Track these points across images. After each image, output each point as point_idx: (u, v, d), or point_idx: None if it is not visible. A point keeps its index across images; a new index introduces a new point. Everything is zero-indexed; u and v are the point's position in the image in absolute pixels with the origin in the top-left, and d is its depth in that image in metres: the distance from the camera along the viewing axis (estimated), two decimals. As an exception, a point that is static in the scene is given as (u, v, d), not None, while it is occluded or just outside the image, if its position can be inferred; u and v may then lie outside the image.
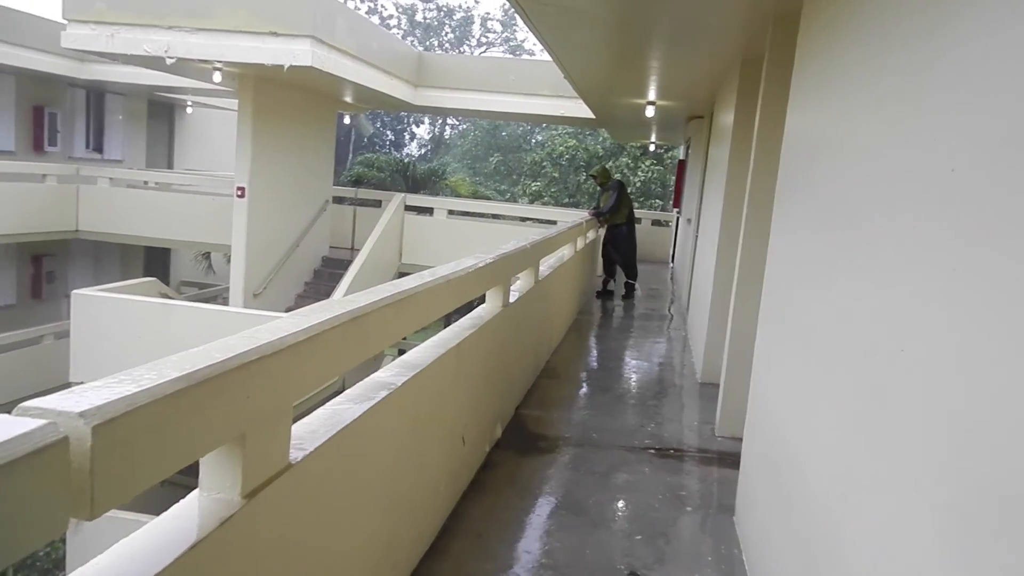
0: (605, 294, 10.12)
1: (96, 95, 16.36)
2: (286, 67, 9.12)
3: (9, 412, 1.04)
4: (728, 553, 3.14)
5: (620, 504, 3.64)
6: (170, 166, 18.84)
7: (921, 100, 1.60)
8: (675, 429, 4.86)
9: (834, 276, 2.14)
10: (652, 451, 4.38)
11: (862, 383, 1.78)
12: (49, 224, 13.09)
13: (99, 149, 16.64)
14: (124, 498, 1.13)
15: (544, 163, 26.83)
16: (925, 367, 1.43)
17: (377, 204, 14.05)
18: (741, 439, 3.54)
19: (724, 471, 4.09)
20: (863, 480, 1.71)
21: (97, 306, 8.60)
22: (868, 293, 1.81)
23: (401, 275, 3.24)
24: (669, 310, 9.71)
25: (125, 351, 7.97)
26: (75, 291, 8.85)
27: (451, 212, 13.63)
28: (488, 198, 21.17)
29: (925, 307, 1.46)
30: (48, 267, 15.01)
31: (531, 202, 24.58)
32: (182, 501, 1.47)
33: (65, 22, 9.55)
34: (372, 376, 2.49)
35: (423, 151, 38.49)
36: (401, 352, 3.03)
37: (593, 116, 11.90)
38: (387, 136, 37.66)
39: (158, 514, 1.43)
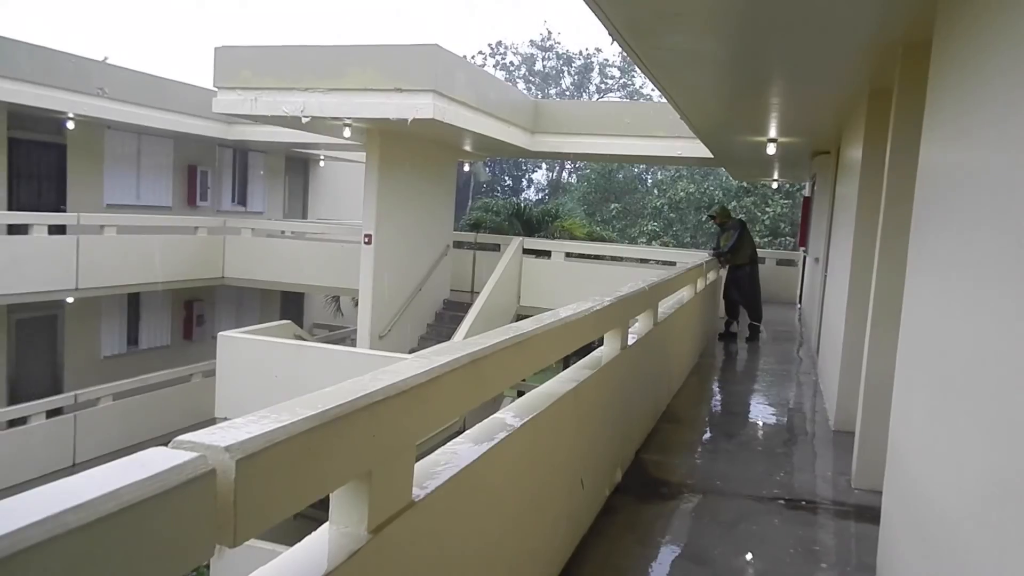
0: (728, 336, 9.80)
1: (241, 153, 17.81)
2: (410, 120, 9.58)
3: (165, 444, 1.14)
4: (869, 616, 2.91)
5: (748, 557, 3.46)
6: (305, 216, 20.07)
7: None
8: (807, 479, 4.59)
9: (982, 316, 1.99)
10: (782, 502, 4.15)
11: (1017, 433, 1.63)
12: (200, 272, 14.23)
13: (243, 202, 18.03)
14: (263, 527, 1.20)
15: (664, 207, 26.60)
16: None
17: (496, 248, 14.33)
18: (880, 492, 3.30)
19: (863, 526, 3.82)
20: (1021, 543, 1.55)
21: (239, 347, 9.22)
22: (1022, 333, 1.67)
23: (519, 317, 3.30)
24: (797, 353, 9.26)
25: (263, 389, 8.47)
26: (221, 333, 9.53)
27: (568, 255, 13.69)
28: (604, 238, 21.10)
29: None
30: (198, 311, 16.29)
31: (648, 242, 24.30)
32: (314, 533, 1.54)
33: (215, 89, 10.51)
34: (491, 417, 2.53)
35: (540, 195, 39.06)
36: (520, 393, 3.06)
37: (711, 155, 11.70)
38: (505, 181, 38.56)
39: (292, 545, 1.51)
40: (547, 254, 13.58)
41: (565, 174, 39.37)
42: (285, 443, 1.24)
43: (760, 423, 6.10)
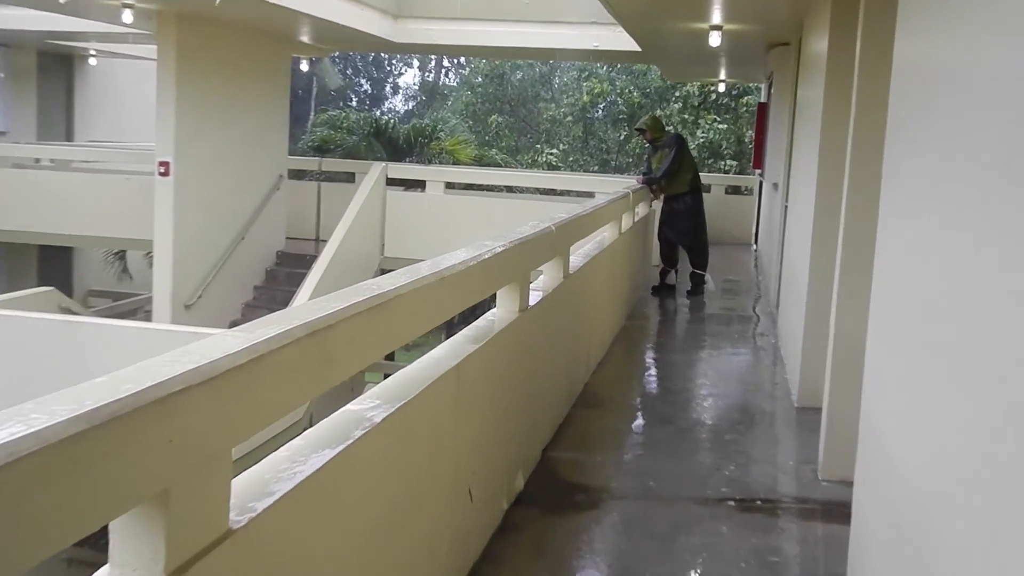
0: (664, 289, 10.10)
1: (-31, 46, 16.67)
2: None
3: None
4: (837, 639, 3.14)
5: (688, 576, 3.65)
6: (69, 138, 19.13)
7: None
8: (764, 472, 4.84)
9: (975, 257, 2.12)
10: (732, 503, 4.38)
11: (1014, 408, 1.76)
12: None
13: (-26, 118, 16.95)
14: (6, 577, 1.16)
15: (567, 119, 26.82)
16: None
17: (350, 178, 14.16)
18: (852, 483, 3.53)
19: (831, 527, 4.08)
20: (1015, 540, 1.69)
21: (-22, 327, 8.75)
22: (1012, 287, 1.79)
23: (384, 272, 3.28)
24: (754, 309, 9.68)
25: (18, 383, 8.08)
26: (-52, 309, 9.00)
27: (449, 185, 13.68)
28: (498, 163, 21.23)
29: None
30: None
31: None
32: (88, 583, 1.50)
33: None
34: (343, 409, 2.52)
35: (410, 106, 38.66)
36: (387, 376, 3.07)
37: (639, 49, 11.89)
38: (361, 86, 37.92)
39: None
40: (421, 185, 13.54)
41: (444, 76, 39.04)
42: (37, 455, 1.19)
43: (706, 403, 6.36)
